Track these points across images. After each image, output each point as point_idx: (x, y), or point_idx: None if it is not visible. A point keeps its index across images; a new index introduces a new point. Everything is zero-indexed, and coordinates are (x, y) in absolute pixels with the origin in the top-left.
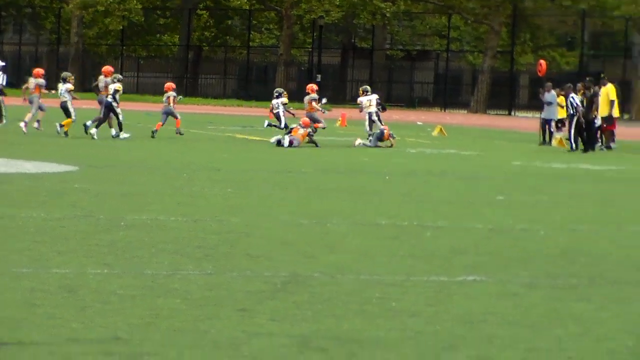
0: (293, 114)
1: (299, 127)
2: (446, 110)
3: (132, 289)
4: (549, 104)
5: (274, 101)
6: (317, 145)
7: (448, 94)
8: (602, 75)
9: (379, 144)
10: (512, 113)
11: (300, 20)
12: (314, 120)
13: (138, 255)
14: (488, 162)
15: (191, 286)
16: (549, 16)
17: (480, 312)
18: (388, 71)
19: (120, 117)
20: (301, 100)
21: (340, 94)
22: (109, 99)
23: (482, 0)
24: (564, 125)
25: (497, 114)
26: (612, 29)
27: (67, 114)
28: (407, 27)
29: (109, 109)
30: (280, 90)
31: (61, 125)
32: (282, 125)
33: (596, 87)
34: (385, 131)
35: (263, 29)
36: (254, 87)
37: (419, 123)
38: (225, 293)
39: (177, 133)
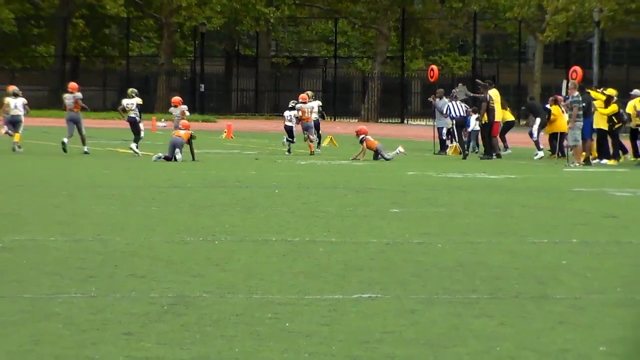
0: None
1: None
2: (336, 120)
3: (10, 314)
4: (441, 111)
5: (287, 113)
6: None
7: (338, 102)
8: (486, 81)
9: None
10: (405, 121)
11: (181, 28)
12: (308, 128)
13: (16, 279)
14: (381, 172)
15: (74, 310)
16: (440, 19)
17: (377, 330)
18: (274, 79)
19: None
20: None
21: (224, 104)
22: (133, 114)
23: (370, 3)
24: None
25: (389, 122)
26: (505, 31)
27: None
28: (293, 33)
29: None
30: (295, 102)
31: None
32: (294, 140)
33: (486, 92)
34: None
35: (142, 37)
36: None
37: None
38: (109, 316)
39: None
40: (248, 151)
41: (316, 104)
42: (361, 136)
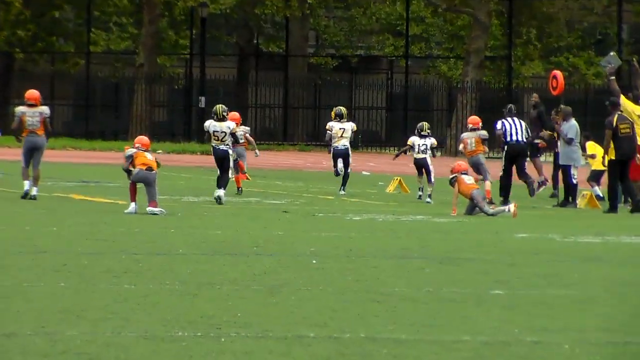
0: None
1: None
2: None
3: None
4: (570, 140)
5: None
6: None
7: (410, 124)
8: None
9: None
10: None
11: (171, 10)
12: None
13: None
14: (478, 234)
15: None
16: (566, 1)
17: None
18: (313, 90)
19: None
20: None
21: None
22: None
23: None
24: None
25: (490, 157)
26: None
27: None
28: (342, 20)
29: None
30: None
31: None
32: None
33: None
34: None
35: (111, 24)
36: (98, 118)
37: (364, 173)
38: None
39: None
40: (272, 199)
41: (350, 127)
42: (453, 175)
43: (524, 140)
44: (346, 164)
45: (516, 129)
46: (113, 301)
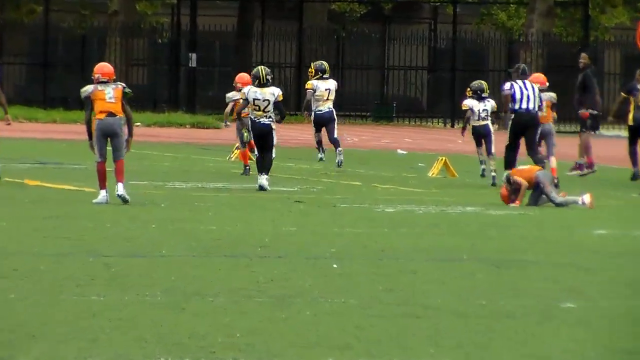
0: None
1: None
2: (455, 125)
3: None
4: None
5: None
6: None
7: (459, 88)
8: None
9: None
10: (593, 127)
11: None
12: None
13: None
14: (544, 230)
15: None
16: None
17: None
18: (336, 44)
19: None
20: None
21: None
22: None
23: None
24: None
25: (560, 131)
26: None
27: None
28: None
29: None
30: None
31: None
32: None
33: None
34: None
35: None
36: (60, 81)
37: (400, 152)
38: None
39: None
40: (282, 185)
41: (334, 86)
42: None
43: (536, 108)
44: (331, 130)
45: (527, 94)
46: (77, 317)
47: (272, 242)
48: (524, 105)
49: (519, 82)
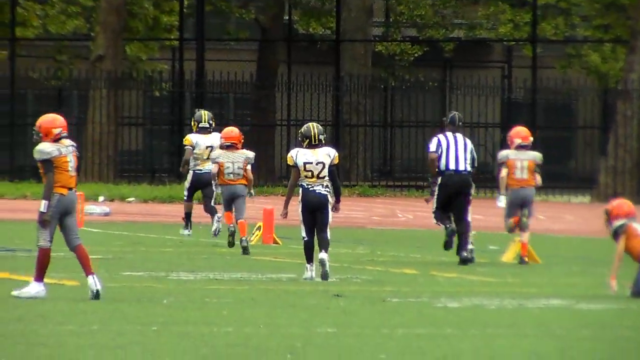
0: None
1: None
2: (536, 197)
3: None
4: None
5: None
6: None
7: (543, 153)
8: None
9: None
10: None
11: None
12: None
13: None
14: None
15: None
16: None
17: None
18: (382, 95)
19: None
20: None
21: (260, 157)
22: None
23: None
24: None
25: None
26: None
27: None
28: None
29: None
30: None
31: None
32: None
33: None
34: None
35: None
36: (31, 146)
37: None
38: None
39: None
40: (317, 275)
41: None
42: (615, 223)
43: (467, 168)
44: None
45: (457, 151)
46: None
47: (305, 348)
48: (451, 165)
49: (449, 134)
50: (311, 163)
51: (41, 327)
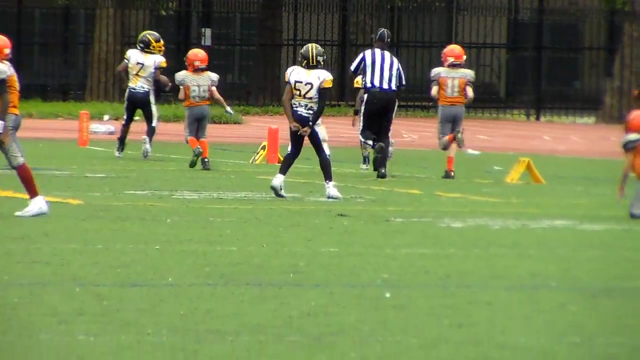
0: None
1: None
2: (541, 117)
3: None
4: None
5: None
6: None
7: (548, 71)
8: None
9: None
10: None
11: None
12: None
13: None
14: None
15: None
16: None
17: None
18: (389, 15)
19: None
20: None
21: (265, 77)
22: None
23: None
24: None
25: None
26: None
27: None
28: None
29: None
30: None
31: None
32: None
33: None
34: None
35: None
36: (37, 65)
37: (471, 152)
38: None
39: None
40: (320, 194)
41: (152, 61)
42: (629, 136)
43: (393, 87)
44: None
45: (382, 68)
46: None
47: (308, 267)
48: (376, 82)
49: (378, 51)
50: (301, 82)
51: (44, 246)
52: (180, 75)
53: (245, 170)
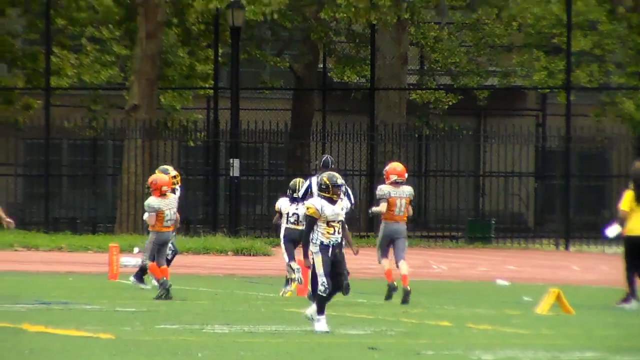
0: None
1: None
2: (570, 247)
3: None
4: None
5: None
6: None
7: (575, 204)
8: None
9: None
10: None
11: (182, 16)
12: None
13: None
14: None
15: None
16: None
17: None
18: (416, 144)
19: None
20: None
21: None
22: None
23: None
24: None
25: None
26: None
27: None
28: (462, 29)
29: None
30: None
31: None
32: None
33: None
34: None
35: (83, 40)
36: (66, 197)
37: (500, 282)
38: None
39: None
40: (351, 327)
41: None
42: None
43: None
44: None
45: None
46: None
47: None
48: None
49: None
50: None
51: None
52: (155, 202)
53: (275, 303)
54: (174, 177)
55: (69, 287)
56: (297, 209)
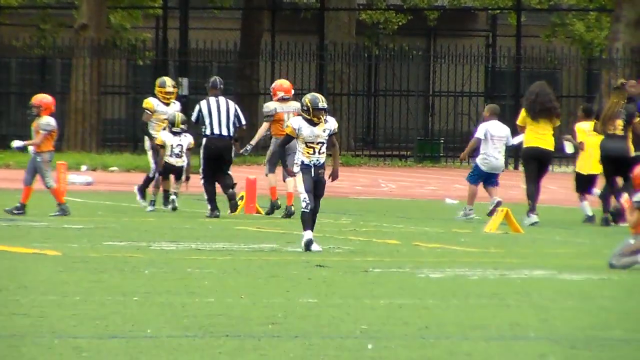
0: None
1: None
2: (519, 166)
3: None
4: None
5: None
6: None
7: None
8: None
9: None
10: None
11: None
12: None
13: None
14: (625, 298)
15: None
16: None
17: None
18: (366, 64)
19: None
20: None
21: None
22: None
23: None
24: None
25: None
26: None
27: None
28: None
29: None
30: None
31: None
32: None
33: None
34: None
35: None
36: (14, 114)
37: (449, 201)
38: None
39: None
40: (297, 246)
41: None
42: (637, 195)
43: (230, 134)
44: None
45: (219, 115)
46: None
47: (287, 319)
48: (215, 130)
49: (212, 99)
50: (311, 135)
51: (23, 298)
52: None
53: (223, 220)
54: (170, 92)
55: (16, 204)
56: (180, 140)
